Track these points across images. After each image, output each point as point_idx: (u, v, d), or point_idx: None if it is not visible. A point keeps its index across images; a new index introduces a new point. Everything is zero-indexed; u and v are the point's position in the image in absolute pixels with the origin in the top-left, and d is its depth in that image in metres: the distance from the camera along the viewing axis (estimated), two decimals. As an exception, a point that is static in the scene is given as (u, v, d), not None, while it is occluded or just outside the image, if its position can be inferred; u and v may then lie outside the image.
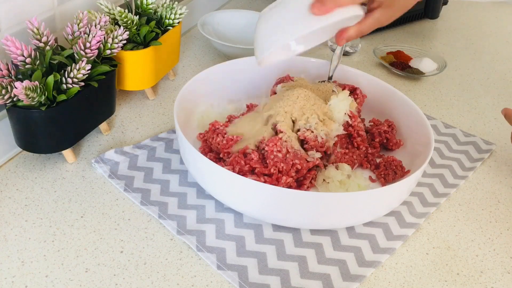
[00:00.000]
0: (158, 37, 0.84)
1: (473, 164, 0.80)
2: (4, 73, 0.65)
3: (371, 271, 0.61)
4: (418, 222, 0.68)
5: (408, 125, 0.79)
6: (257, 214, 0.64)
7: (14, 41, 0.64)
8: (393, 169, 0.74)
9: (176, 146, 0.78)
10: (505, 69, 1.11)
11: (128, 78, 0.82)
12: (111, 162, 0.73)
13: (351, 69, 0.86)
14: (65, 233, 0.63)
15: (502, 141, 0.87)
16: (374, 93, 0.84)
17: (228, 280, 0.59)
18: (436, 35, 1.24)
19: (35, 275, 0.57)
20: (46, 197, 0.67)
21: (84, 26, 0.72)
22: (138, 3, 0.85)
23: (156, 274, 0.59)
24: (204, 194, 0.70)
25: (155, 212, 0.66)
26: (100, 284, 0.57)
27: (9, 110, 0.66)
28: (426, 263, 0.63)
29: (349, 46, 1.11)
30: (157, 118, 0.85)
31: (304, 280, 0.59)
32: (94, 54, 0.70)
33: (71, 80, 0.67)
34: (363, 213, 0.64)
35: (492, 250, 0.66)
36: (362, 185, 0.71)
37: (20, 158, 0.73)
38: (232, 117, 0.77)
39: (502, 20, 1.38)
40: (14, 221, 0.64)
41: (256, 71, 0.87)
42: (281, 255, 0.62)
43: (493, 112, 0.95)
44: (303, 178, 0.68)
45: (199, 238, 0.63)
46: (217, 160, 0.70)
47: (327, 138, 0.71)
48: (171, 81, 0.96)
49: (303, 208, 0.61)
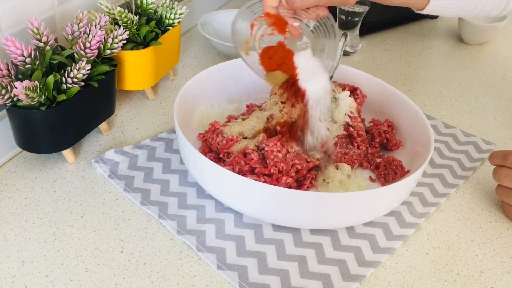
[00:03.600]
0: (158, 37, 0.84)
1: (473, 164, 0.80)
2: (4, 73, 0.65)
3: (371, 271, 0.61)
4: (418, 222, 0.68)
5: (408, 125, 0.79)
6: (257, 214, 0.64)
7: (14, 41, 0.64)
8: (393, 169, 0.74)
9: (176, 146, 0.78)
10: (505, 69, 1.11)
11: (128, 78, 0.82)
12: (111, 162, 0.73)
13: (351, 69, 0.86)
14: (65, 233, 0.63)
15: (502, 141, 0.87)
16: (374, 93, 0.84)
17: (228, 280, 0.59)
18: (436, 35, 1.24)
19: (35, 275, 0.57)
20: (46, 197, 0.67)
21: (84, 26, 0.72)
22: (138, 3, 0.85)
23: (156, 274, 0.59)
24: (204, 194, 0.70)
25: (155, 212, 0.66)
26: (100, 284, 0.57)
27: (9, 110, 0.66)
28: (426, 263, 0.63)
29: (349, 46, 1.11)
30: (157, 118, 0.85)
31: (304, 280, 0.59)
32: (94, 54, 0.70)
33: (71, 80, 0.67)
34: (363, 213, 0.64)
35: (492, 250, 0.66)
36: (362, 185, 0.71)
37: (20, 158, 0.73)
38: (232, 117, 0.77)
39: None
40: (14, 221, 0.64)
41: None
42: (281, 255, 0.62)
43: (493, 112, 0.95)
44: (303, 178, 0.68)
45: (199, 238, 0.63)
46: (217, 160, 0.70)
47: (327, 139, 0.71)
48: (171, 81, 0.96)
49: (303, 208, 0.61)
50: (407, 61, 1.11)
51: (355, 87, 0.82)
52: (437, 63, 1.12)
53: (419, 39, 1.22)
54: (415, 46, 1.18)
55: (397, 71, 1.07)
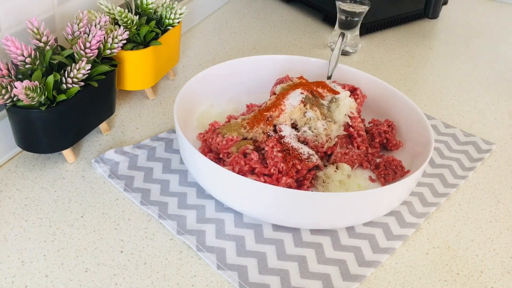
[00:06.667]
0: (158, 37, 0.84)
1: (473, 164, 0.80)
2: (4, 73, 0.65)
3: (371, 271, 0.61)
4: (418, 222, 0.68)
5: (408, 125, 0.79)
6: (257, 214, 0.64)
7: (14, 41, 0.64)
8: (393, 169, 0.74)
9: (176, 146, 0.78)
10: (505, 69, 1.11)
11: (128, 78, 0.82)
12: (111, 162, 0.73)
13: (351, 69, 0.86)
14: (65, 233, 0.63)
15: (502, 141, 0.87)
16: (374, 93, 0.84)
17: (228, 280, 0.59)
18: (436, 35, 1.24)
19: (35, 275, 0.57)
20: (46, 197, 0.67)
21: (84, 26, 0.72)
22: (138, 3, 0.85)
23: (156, 274, 0.59)
24: (204, 194, 0.70)
25: (155, 212, 0.66)
26: (100, 284, 0.57)
27: (9, 110, 0.66)
28: (426, 263, 0.63)
29: (349, 46, 1.11)
30: (157, 118, 0.85)
31: (304, 280, 0.59)
32: (94, 54, 0.70)
33: (71, 80, 0.67)
34: (363, 213, 0.64)
35: (492, 250, 0.66)
36: (362, 185, 0.71)
37: (20, 158, 0.73)
38: (232, 117, 0.77)
39: (502, 20, 1.38)
40: (14, 221, 0.64)
41: (256, 71, 0.87)
42: (281, 255, 0.62)
43: (493, 112, 0.96)
44: (303, 178, 0.69)
45: (199, 238, 0.63)
46: (217, 160, 0.70)
47: (327, 139, 0.71)
48: (171, 81, 0.96)
49: (303, 208, 0.61)
50: (407, 61, 1.11)
51: (355, 87, 0.82)
52: (437, 63, 1.12)
53: (419, 39, 1.22)
54: (415, 46, 1.18)
55: (397, 71, 1.07)
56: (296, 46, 1.13)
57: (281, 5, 1.33)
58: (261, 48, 1.11)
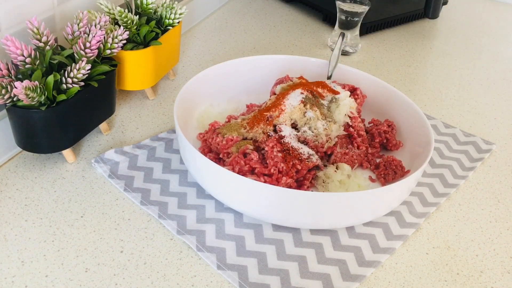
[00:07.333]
0: (158, 37, 0.84)
1: (473, 164, 0.80)
2: (4, 73, 0.65)
3: (371, 271, 0.61)
4: (418, 222, 0.68)
5: (408, 125, 0.79)
6: (257, 214, 0.64)
7: (14, 41, 0.64)
8: (393, 169, 0.74)
9: (176, 146, 0.78)
10: (505, 69, 1.11)
11: (128, 78, 0.82)
12: (111, 162, 0.73)
13: (351, 69, 0.86)
14: (65, 233, 0.63)
15: (502, 141, 0.87)
16: (374, 93, 0.84)
17: (228, 280, 0.59)
18: (436, 35, 1.24)
19: (35, 275, 0.57)
20: (46, 197, 0.67)
21: (84, 26, 0.72)
22: (138, 3, 0.85)
23: (156, 274, 0.59)
24: (204, 194, 0.70)
25: (155, 212, 0.66)
26: (100, 284, 0.57)
27: (9, 110, 0.66)
28: (426, 263, 0.64)
29: (349, 46, 1.11)
30: (157, 118, 0.85)
31: (304, 280, 0.59)
32: (94, 54, 0.70)
33: (71, 80, 0.67)
34: (363, 213, 0.64)
35: (492, 250, 0.66)
36: (362, 185, 0.71)
37: (20, 158, 0.73)
38: (232, 117, 0.77)
39: (502, 20, 1.38)
40: (14, 221, 0.64)
41: (256, 71, 0.87)
42: (281, 255, 0.62)
43: (493, 112, 0.96)
44: (303, 178, 0.69)
45: (199, 238, 0.63)
46: (217, 160, 0.70)
47: (327, 139, 0.71)
48: (171, 81, 0.96)
49: (303, 208, 0.61)
50: (407, 61, 1.11)
51: (355, 87, 0.82)
52: (437, 63, 1.12)
53: (419, 39, 1.22)
54: (415, 46, 1.18)
55: (397, 71, 1.07)
56: (296, 46, 1.13)
57: (281, 5, 1.33)
58: (261, 48, 1.11)
